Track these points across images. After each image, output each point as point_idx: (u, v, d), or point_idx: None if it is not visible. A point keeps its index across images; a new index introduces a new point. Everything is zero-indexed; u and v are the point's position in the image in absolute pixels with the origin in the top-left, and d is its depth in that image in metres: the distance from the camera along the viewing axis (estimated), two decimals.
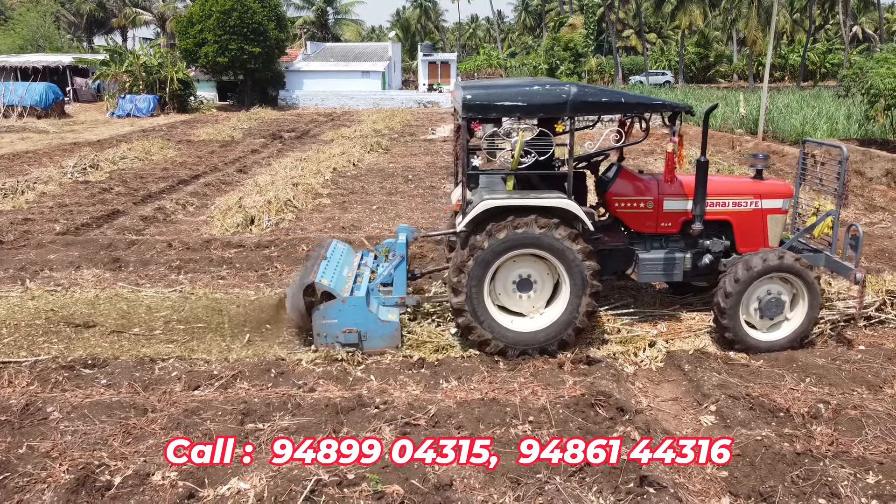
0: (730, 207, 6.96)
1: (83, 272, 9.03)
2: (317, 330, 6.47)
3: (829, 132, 21.66)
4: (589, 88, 6.32)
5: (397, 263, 7.00)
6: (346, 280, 7.02)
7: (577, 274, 6.23)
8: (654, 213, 6.89)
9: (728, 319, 6.44)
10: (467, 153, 6.24)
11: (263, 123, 31.54)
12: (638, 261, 6.84)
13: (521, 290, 6.48)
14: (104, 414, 5.37)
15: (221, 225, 11.88)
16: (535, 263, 6.43)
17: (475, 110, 6.09)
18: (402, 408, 5.48)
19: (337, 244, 7.71)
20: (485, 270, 6.23)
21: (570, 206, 6.18)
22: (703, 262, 6.92)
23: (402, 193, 14.98)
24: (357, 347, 6.47)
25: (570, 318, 6.34)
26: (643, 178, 7.09)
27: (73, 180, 16.28)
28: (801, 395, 5.74)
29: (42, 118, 32.92)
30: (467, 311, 6.26)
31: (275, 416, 5.39)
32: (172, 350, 6.65)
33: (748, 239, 7.01)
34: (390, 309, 6.84)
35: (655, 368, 6.40)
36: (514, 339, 6.36)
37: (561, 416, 5.36)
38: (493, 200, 6.16)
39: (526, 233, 6.11)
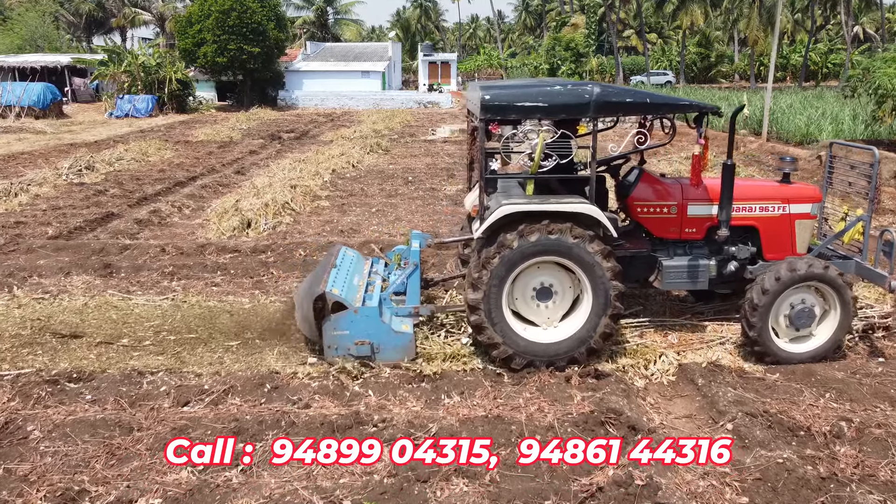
0: (756, 213, 6.70)
1: (73, 278, 8.75)
2: (327, 342, 6.19)
3: (835, 133, 21.39)
4: (613, 88, 6.05)
5: (411, 272, 6.71)
6: (357, 289, 6.73)
7: (602, 292, 5.98)
8: (678, 218, 6.63)
9: (756, 331, 6.17)
10: (485, 156, 5.96)
11: (262, 124, 31.26)
12: (661, 268, 6.56)
13: (540, 299, 6.21)
14: (87, 433, 5.09)
15: (217, 228, 11.60)
16: (559, 273, 6.17)
17: (494, 111, 5.83)
18: (402, 426, 5.20)
19: (346, 251, 7.41)
20: (508, 271, 5.95)
21: (592, 212, 5.92)
22: (728, 270, 6.66)
23: (402, 195, 14.70)
24: (369, 360, 6.19)
25: (585, 336, 6.08)
26: (666, 181, 6.82)
27: (68, 182, 16.00)
28: (821, 411, 5.46)
29: (40, 118, 32.61)
30: (482, 309, 5.96)
31: (267, 436, 5.11)
32: (162, 362, 6.37)
33: (775, 245, 6.73)
34: (403, 319, 6.55)
35: (667, 382, 6.12)
36: (525, 348, 6.08)
37: (569, 436, 5.08)
38: (513, 206, 5.90)
39: (559, 240, 5.85)
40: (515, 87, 6.14)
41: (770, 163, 18.49)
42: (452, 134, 25.76)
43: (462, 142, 24.06)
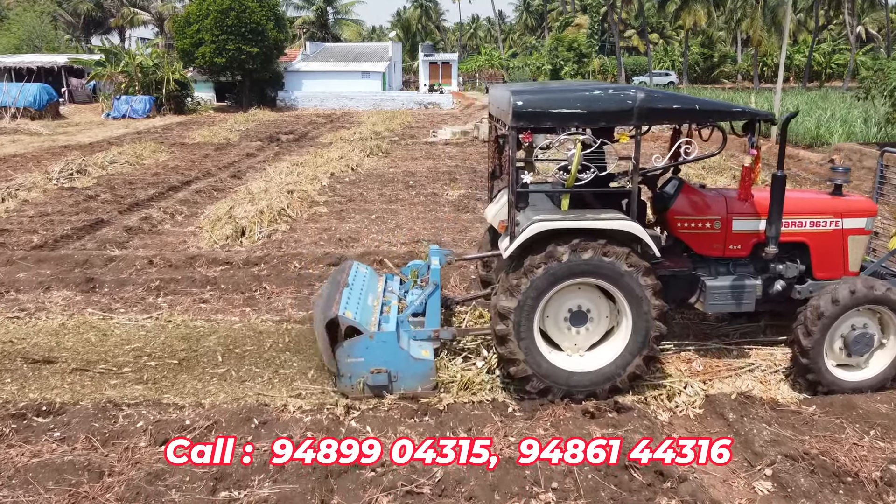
0: (807, 228, 6.16)
1: (52, 294, 8.22)
2: (340, 370, 5.64)
3: (846, 136, 20.84)
4: (658, 94, 5.50)
5: (431, 292, 6.14)
6: (372, 310, 6.19)
7: (642, 330, 5.50)
8: (722, 233, 6.09)
9: (810, 359, 5.64)
10: (517, 168, 5.42)
11: (261, 125, 30.74)
12: (705, 289, 6.02)
13: (573, 323, 5.70)
14: (52, 479, 4.56)
15: (210, 237, 11.08)
16: (598, 299, 5.68)
17: (527, 119, 5.26)
18: (403, 471, 4.67)
19: (358, 267, 6.85)
20: (551, 285, 5.42)
21: (634, 230, 5.40)
22: (774, 290, 6.11)
23: (403, 201, 14.18)
24: (386, 390, 5.67)
25: (612, 373, 5.59)
26: (709, 194, 6.28)
27: (59, 187, 15.49)
28: (867, 452, 4.93)
29: (36, 119, 32.12)
30: (512, 320, 5.42)
31: (252, 482, 4.58)
32: (141, 393, 5.83)
33: (826, 263, 6.21)
34: (422, 344, 6.00)
35: (693, 416, 5.58)
36: (546, 371, 5.53)
37: (590, 483, 4.55)
38: (547, 222, 5.38)
39: (612, 265, 5.35)
40: (550, 91, 5.59)
41: (787, 169, 17.95)
42: (454, 136, 25.22)
43: (464, 144, 23.54)
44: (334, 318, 5.60)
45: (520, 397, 5.69)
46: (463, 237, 11.22)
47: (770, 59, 61.44)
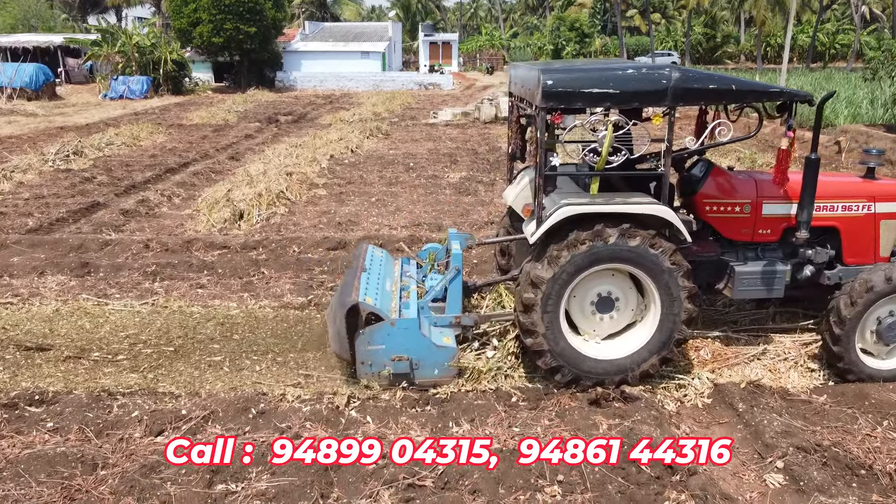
0: (838, 212, 5.98)
1: (47, 279, 8.06)
2: (360, 358, 5.48)
3: (852, 117, 20.60)
4: (693, 73, 5.30)
5: (453, 277, 5.95)
6: (391, 296, 6.01)
7: (667, 329, 5.39)
8: (752, 218, 5.93)
9: (842, 347, 5.51)
10: (545, 151, 5.22)
11: (259, 106, 30.42)
12: (734, 275, 5.86)
13: (599, 308, 5.57)
14: (44, 471, 4.44)
15: (207, 220, 10.91)
16: (629, 289, 5.54)
17: (557, 98, 5.05)
18: (405, 463, 4.54)
19: (374, 251, 6.65)
20: (592, 264, 5.26)
21: (666, 215, 5.23)
22: (803, 275, 5.97)
23: (403, 183, 13.99)
24: (408, 378, 5.53)
25: (626, 366, 5.49)
26: (739, 177, 6.11)
27: (55, 169, 15.28)
28: (880, 444, 4.80)
29: (32, 100, 31.73)
30: (542, 290, 5.26)
31: (251, 474, 4.45)
32: (135, 381, 5.70)
33: (857, 248, 6.05)
34: (444, 331, 5.83)
35: (702, 406, 5.45)
36: (561, 350, 5.40)
37: (597, 476, 4.42)
38: (576, 206, 5.21)
39: (656, 258, 5.22)
40: (581, 70, 5.36)
41: None
42: (454, 117, 24.94)
43: (465, 126, 23.29)
44: (355, 305, 5.43)
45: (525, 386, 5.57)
46: (464, 220, 11.06)
47: (774, 39, 60.84)
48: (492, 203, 12.26)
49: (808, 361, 5.98)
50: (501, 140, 19.67)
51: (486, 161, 16.27)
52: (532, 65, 5.67)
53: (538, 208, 5.29)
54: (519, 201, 6.33)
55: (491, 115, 24.01)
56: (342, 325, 5.37)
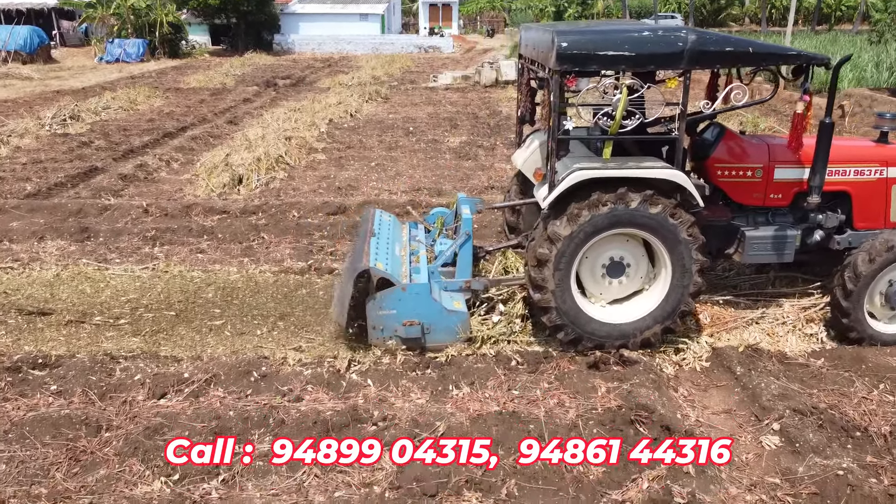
0: (850, 177, 5.95)
1: (46, 244, 8.06)
2: (371, 322, 5.51)
3: (857, 81, 20.37)
4: (710, 35, 5.21)
5: (463, 241, 5.94)
6: (401, 261, 6.01)
7: (674, 300, 5.42)
8: (763, 182, 5.89)
9: (851, 303, 5.55)
10: (559, 114, 5.16)
11: (257, 69, 30.05)
12: (744, 239, 5.86)
13: (610, 273, 5.59)
14: (49, 433, 4.49)
15: (206, 185, 10.86)
16: (642, 258, 5.56)
17: (572, 61, 4.97)
18: (406, 424, 4.60)
19: (382, 215, 6.63)
20: (612, 226, 5.25)
21: (679, 179, 5.20)
22: (812, 240, 5.97)
23: (403, 148, 13.90)
24: (419, 343, 5.57)
25: (628, 332, 5.52)
26: (751, 141, 6.07)
27: (52, 133, 15.16)
28: (876, 406, 4.85)
29: (27, 64, 31.34)
30: (557, 248, 5.25)
31: (253, 436, 4.51)
32: (137, 345, 5.74)
33: (868, 213, 6.04)
34: (454, 295, 5.84)
35: (700, 369, 5.49)
36: (567, 309, 5.42)
37: (594, 436, 4.47)
38: (588, 171, 5.17)
39: (674, 227, 5.21)
40: (596, 32, 5.28)
41: (787, 112, 17.56)
42: (454, 81, 24.65)
43: (465, 89, 23.05)
44: (365, 270, 5.43)
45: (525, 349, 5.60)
46: (464, 185, 11.01)
47: (779, 1, 59.88)
48: (492, 168, 12.20)
49: (806, 326, 6.01)
50: (502, 104, 19.49)
51: (486, 125, 16.14)
52: (545, 26, 5.58)
53: (550, 172, 5.26)
54: (529, 165, 6.28)
55: (491, 79, 23.74)
56: (347, 290, 5.37)
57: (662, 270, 5.47)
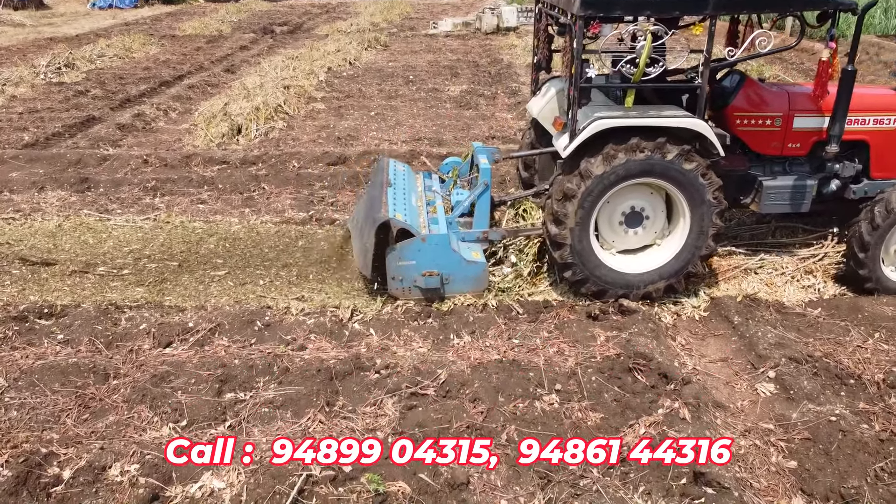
0: (869, 125, 5.90)
1: (47, 194, 8.05)
2: (391, 273, 5.55)
3: (864, 29, 20.00)
4: None
5: (481, 192, 5.93)
6: (418, 211, 6.02)
7: (685, 256, 5.48)
8: (782, 131, 5.84)
9: (868, 254, 5.59)
10: (581, 62, 5.09)
11: (254, 16, 29.44)
12: (762, 189, 5.85)
13: (628, 223, 5.62)
14: (58, 381, 4.58)
15: (205, 135, 10.76)
16: (660, 212, 5.59)
17: (596, 7, 4.89)
18: (408, 373, 4.68)
19: (395, 165, 6.59)
20: (635, 176, 5.26)
21: (701, 128, 5.17)
22: (829, 189, 5.98)
23: (403, 97, 13.74)
24: (438, 293, 5.63)
25: (633, 283, 5.59)
26: (771, 89, 6.00)
27: (47, 82, 14.97)
28: (870, 355, 4.93)
29: (19, 9, 30.68)
30: (576, 195, 5.27)
31: (258, 384, 4.60)
32: (142, 295, 5.79)
33: (885, 162, 6.00)
34: (472, 246, 5.85)
35: (699, 318, 5.57)
36: (581, 250, 5.47)
37: (594, 385, 4.57)
38: (609, 120, 5.14)
39: (694, 179, 5.22)
40: None
41: (792, 59, 17.29)
42: (455, 28, 24.19)
43: (466, 37, 22.64)
44: (385, 221, 5.44)
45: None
46: (465, 135, 10.93)
47: None
48: (493, 117, 12.09)
49: (804, 276, 6.06)
50: (503, 52, 19.17)
51: (487, 74, 15.92)
52: None
53: (571, 121, 5.22)
54: (546, 113, 6.22)
55: (493, 26, 23.29)
56: (370, 241, 5.39)
57: (679, 228, 5.50)
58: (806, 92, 5.83)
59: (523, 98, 13.50)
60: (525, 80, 15.36)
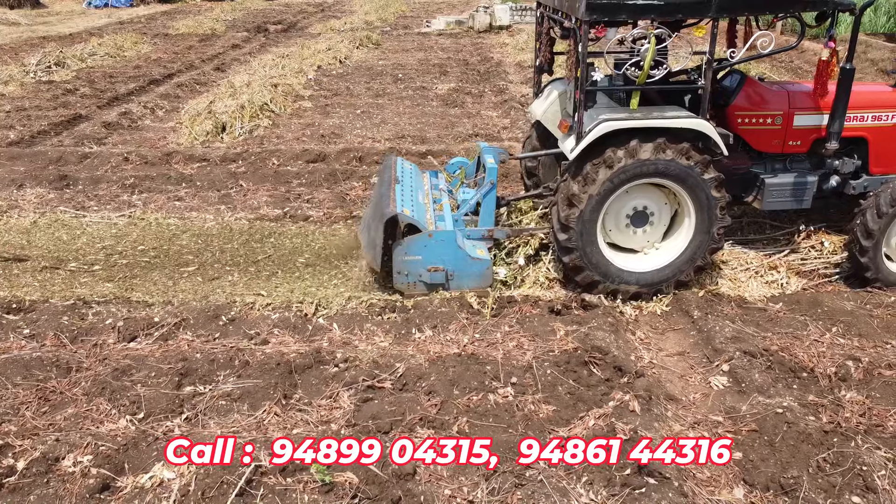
0: (868, 122, 6.00)
1: (25, 192, 8.12)
2: (397, 268, 5.64)
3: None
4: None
5: (487, 191, 6.02)
6: (425, 208, 6.12)
7: (692, 250, 5.58)
8: (783, 129, 5.95)
9: (872, 243, 5.68)
10: (586, 65, 5.18)
11: (249, 14, 29.49)
12: (763, 186, 5.96)
13: (634, 222, 5.70)
14: (20, 374, 4.64)
15: (190, 133, 10.83)
16: (667, 215, 5.70)
17: (601, 11, 4.98)
18: (366, 367, 4.74)
19: (403, 163, 6.70)
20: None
21: (704, 128, 5.27)
22: (829, 185, 6.11)
23: (390, 95, 13.79)
24: (442, 288, 5.71)
25: (647, 279, 5.69)
26: (771, 88, 6.11)
27: (37, 80, 15.04)
28: (826, 349, 4.98)
29: (14, 8, 30.78)
30: (581, 202, 5.35)
31: (218, 377, 4.65)
32: (111, 290, 5.85)
33: (884, 158, 6.10)
34: (476, 243, 5.94)
35: (660, 313, 5.62)
36: (579, 241, 5.56)
37: (549, 378, 4.62)
38: (616, 121, 5.21)
39: (703, 184, 5.33)
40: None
41: (782, 59, 17.33)
42: (448, 26, 24.24)
43: (458, 35, 22.68)
44: (393, 216, 5.52)
45: None
46: (449, 133, 10.99)
47: None
48: (478, 115, 12.15)
49: (768, 272, 6.11)
50: (494, 50, 19.23)
51: (476, 72, 15.97)
52: None
53: (578, 123, 5.29)
54: (549, 116, 6.31)
55: (485, 24, 23.33)
56: (378, 236, 5.48)
57: (685, 224, 5.59)
58: (805, 90, 5.95)
59: (510, 96, 13.56)
60: (514, 79, 15.42)
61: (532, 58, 17.44)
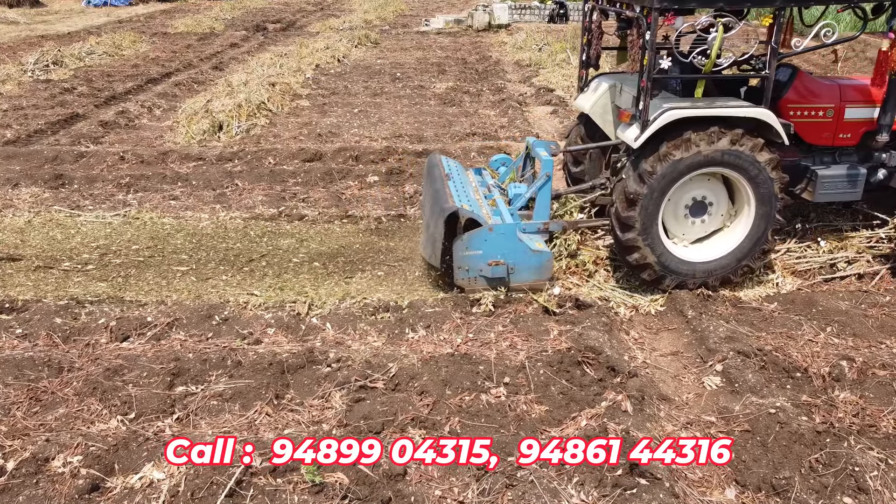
0: None
1: (21, 191, 8.10)
2: (457, 263, 5.61)
3: (852, 25, 20.01)
4: None
5: (542, 183, 5.97)
6: (479, 203, 6.09)
7: (753, 238, 5.60)
8: (834, 122, 5.99)
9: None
10: (654, 53, 5.18)
11: (248, 13, 29.46)
12: (815, 178, 5.98)
13: (693, 213, 5.73)
14: (12, 374, 4.62)
15: (186, 132, 10.81)
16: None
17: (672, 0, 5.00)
18: (359, 367, 4.72)
19: (447, 161, 6.69)
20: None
21: (767, 118, 5.31)
22: (875, 178, 6.14)
23: (388, 94, 13.77)
24: (503, 282, 5.67)
25: (711, 269, 5.71)
26: (823, 81, 6.15)
27: (34, 79, 15.02)
28: (820, 349, 4.97)
29: (13, 7, 30.74)
30: (646, 185, 5.35)
31: (210, 377, 4.64)
32: (104, 290, 5.84)
33: None
34: (533, 236, 5.89)
35: (655, 313, 5.61)
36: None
37: (542, 378, 4.61)
38: (681, 110, 5.24)
39: (768, 179, 5.40)
40: None
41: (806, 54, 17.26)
42: (447, 25, 24.21)
43: (457, 34, 22.66)
44: (455, 212, 5.50)
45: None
46: (446, 132, 10.97)
47: None
48: (476, 114, 12.13)
49: (764, 272, 6.09)
50: (493, 49, 19.21)
51: (474, 71, 15.96)
52: None
53: (643, 111, 5.28)
54: (597, 109, 6.33)
55: (484, 23, 23.31)
56: (438, 232, 5.45)
57: (745, 209, 5.61)
58: (855, 84, 6.00)
59: (508, 95, 13.54)
60: (512, 78, 15.40)
61: (531, 56, 17.39)
